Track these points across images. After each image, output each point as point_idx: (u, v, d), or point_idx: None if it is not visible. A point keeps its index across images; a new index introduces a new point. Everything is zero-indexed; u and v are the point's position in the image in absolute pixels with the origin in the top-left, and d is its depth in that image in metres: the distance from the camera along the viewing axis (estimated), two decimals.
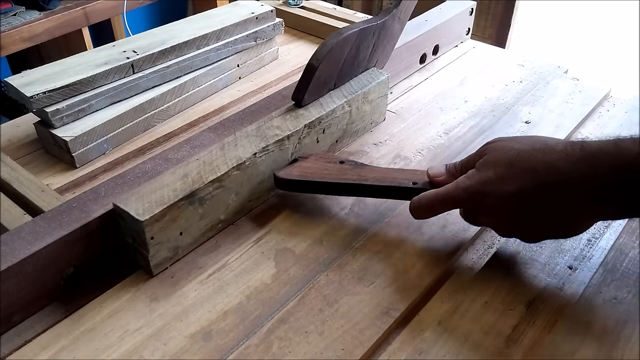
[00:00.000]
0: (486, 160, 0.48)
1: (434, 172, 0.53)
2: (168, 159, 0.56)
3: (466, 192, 0.48)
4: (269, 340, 0.45)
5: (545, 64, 0.84)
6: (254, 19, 0.81)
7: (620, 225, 0.56)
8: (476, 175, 0.48)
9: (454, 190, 0.49)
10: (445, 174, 0.52)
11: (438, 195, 0.50)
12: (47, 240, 0.46)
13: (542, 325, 0.46)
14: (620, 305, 0.48)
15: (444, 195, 0.49)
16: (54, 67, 0.67)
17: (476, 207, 0.49)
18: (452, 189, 0.49)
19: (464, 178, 0.49)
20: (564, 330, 0.46)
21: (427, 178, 0.53)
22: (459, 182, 0.49)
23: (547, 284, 0.50)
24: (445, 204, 0.50)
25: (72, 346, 0.45)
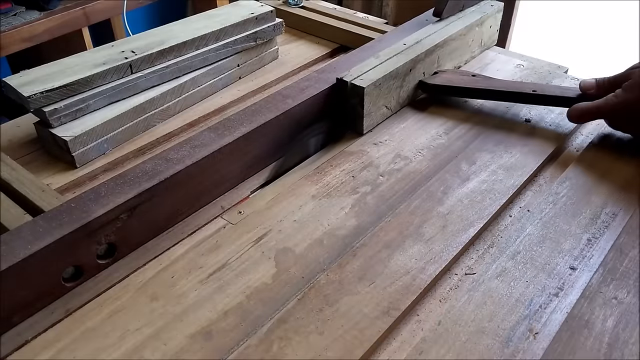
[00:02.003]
0: (631, 84, 0.60)
1: (586, 85, 0.66)
2: (168, 159, 0.56)
3: (612, 108, 0.61)
4: (269, 340, 0.45)
5: (545, 64, 0.84)
6: (254, 19, 0.81)
7: (620, 225, 0.56)
8: (622, 95, 0.61)
9: (603, 105, 0.62)
10: (595, 88, 0.65)
11: (591, 108, 0.63)
12: (47, 240, 0.46)
13: (542, 325, 0.46)
14: (620, 305, 0.48)
15: (595, 108, 0.62)
16: (52, 67, 0.67)
17: (620, 121, 0.63)
18: (602, 104, 0.62)
19: (612, 96, 0.61)
20: (564, 330, 0.46)
21: (544, 88, 0.69)
22: (608, 99, 0.61)
23: (546, 284, 0.50)
24: (595, 115, 0.64)
25: (72, 346, 0.45)
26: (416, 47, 0.74)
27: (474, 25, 0.81)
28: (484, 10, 0.84)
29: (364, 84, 0.66)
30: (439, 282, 0.51)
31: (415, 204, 0.58)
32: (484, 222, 0.56)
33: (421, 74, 0.74)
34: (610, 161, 0.63)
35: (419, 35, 0.77)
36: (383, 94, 0.69)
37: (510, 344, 0.45)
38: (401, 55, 0.72)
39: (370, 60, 0.71)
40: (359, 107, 0.67)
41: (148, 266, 0.52)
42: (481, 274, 0.51)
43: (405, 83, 0.72)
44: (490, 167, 0.63)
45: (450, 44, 0.78)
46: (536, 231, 0.55)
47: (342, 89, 0.68)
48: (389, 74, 0.68)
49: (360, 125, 0.68)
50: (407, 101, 0.74)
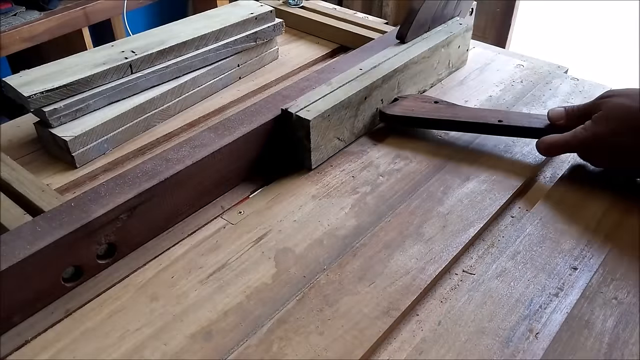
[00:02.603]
0: (601, 116, 0.56)
1: (554, 115, 0.62)
2: (168, 159, 0.56)
3: (582, 142, 0.58)
4: (269, 340, 0.45)
5: (545, 64, 0.84)
6: (254, 19, 0.81)
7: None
8: (592, 127, 0.57)
9: (572, 139, 0.58)
10: (564, 118, 0.61)
11: (559, 141, 0.59)
12: (47, 240, 0.46)
13: (542, 325, 0.46)
14: (620, 305, 0.48)
15: (564, 141, 0.59)
16: (52, 67, 0.67)
17: (591, 154, 0.59)
18: (571, 138, 0.58)
19: (581, 129, 0.58)
20: (564, 331, 0.46)
21: (510, 117, 0.64)
22: (577, 132, 0.58)
23: (546, 284, 0.50)
24: (564, 149, 0.60)
25: (72, 346, 0.45)
26: (373, 73, 0.68)
27: (439, 47, 0.76)
28: (451, 30, 0.78)
29: (310, 115, 0.60)
30: (439, 282, 0.51)
31: (415, 204, 0.58)
32: (484, 222, 0.56)
33: (379, 101, 0.69)
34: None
35: (377, 59, 0.71)
36: (333, 125, 0.63)
37: (510, 344, 0.45)
38: (355, 82, 0.66)
39: (321, 88, 0.65)
40: (306, 141, 0.61)
41: (148, 266, 0.52)
42: (481, 274, 0.51)
43: (360, 112, 0.66)
44: (491, 168, 0.63)
45: (412, 68, 0.72)
46: (536, 231, 0.55)
47: (288, 121, 0.62)
48: (340, 103, 0.63)
49: (307, 160, 0.62)
50: (364, 131, 0.69)
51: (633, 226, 0.55)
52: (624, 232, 0.55)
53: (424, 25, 0.75)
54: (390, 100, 0.70)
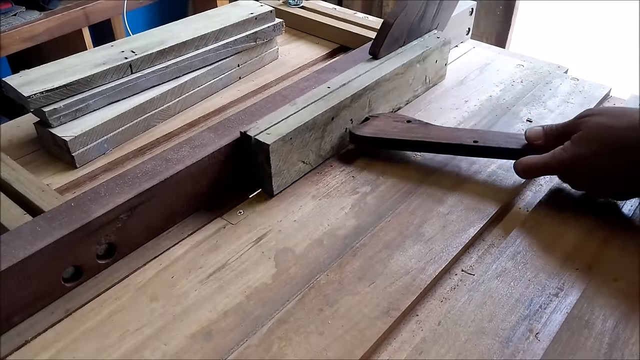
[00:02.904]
0: (581, 136, 0.53)
1: (532, 134, 0.58)
2: (168, 159, 0.56)
3: (562, 164, 0.54)
4: (269, 340, 0.45)
5: (545, 64, 0.84)
6: (253, 19, 0.81)
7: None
8: (572, 149, 0.54)
9: (551, 160, 0.55)
10: (542, 138, 0.58)
11: (537, 163, 0.56)
12: (47, 240, 0.46)
13: (542, 325, 0.46)
14: (620, 306, 0.48)
15: (542, 163, 0.56)
16: (52, 67, 0.67)
17: (571, 176, 0.56)
18: (549, 160, 0.55)
19: (561, 150, 0.54)
20: (564, 330, 0.46)
21: (486, 137, 0.60)
22: (556, 154, 0.55)
23: (547, 284, 0.50)
24: (542, 171, 0.57)
25: (72, 346, 0.45)
26: (341, 92, 0.64)
27: (414, 62, 0.72)
28: (427, 44, 0.74)
29: (270, 139, 0.56)
30: (439, 282, 0.51)
31: (415, 204, 0.58)
32: (483, 222, 0.56)
33: (348, 121, 0.65)
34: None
35: (346, 76, 0.67)
36: (297, 148, 0.59)
37: (510, 344, 0.45)
38: (321, 102, 0.62)
39: (285, 109, 0.62)
40: (266, 166, 0.57)
41: (148, 266, 0.52)
42: (481, 274, 0.51)
43: (327, 134, 0.63)
44: (490, 167, 0.63)
45: (385, 85, 0.69)
46: (537, 231, 0.55)
47: (247, 144, 0.58)
48: (304, 125, 0.59)
49: (269, 185, 0.59)
50: (332, 152, 0.65)
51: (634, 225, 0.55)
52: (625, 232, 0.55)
53: (398, 39, 0.72)
54: (360, 119, 0.67)
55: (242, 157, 0.59)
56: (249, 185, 0.61)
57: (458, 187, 0.61)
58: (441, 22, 0.78)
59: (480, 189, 0.60)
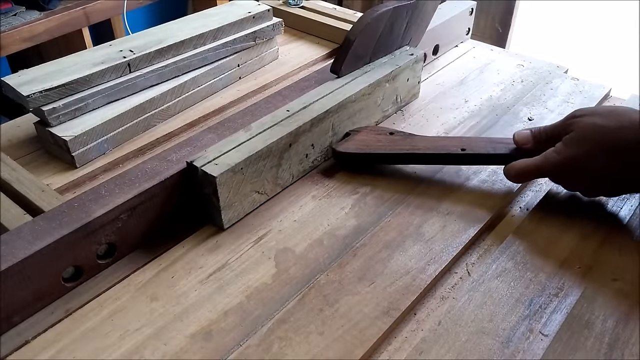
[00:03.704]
0: (573, 137, 0.53)
1: (520, 138, 0.57)
2: (168, 159, 0.56)
3: (554, 167, 0.54)
4: (269, 340, 0.45)
5: (545, 64, 0.84)
6: (251, 18, 0.81)
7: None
8: (564, 150, 0.53)
9: (543, 163, 0.54)
10: (531, 141, 0.57)
11: (529, 167, 0.55)
12: (47, 240, 0.46)
13: (542, 325, 0.46)
14: (620, 306, 0.48)
15: (535, 167, 0.55)
16: (51, 66, 0.67)
17: (564, 178, 0.56)
18: (540, 163, 0.54)
19: (553, 152, 0.54)
20: (564, 330, 0.46)
21: (473, 144, 0.59)
22: (548, 156, 0.54)
23: (547, 284, 0.50)
24: (535, 174, 0.56)
25: (72, 346, 0.45)
26: (301, 115, 0.60)
27: (382, 82, 0.68)
28: (397, 62, 0.70)
29: (218, 170, 0.52)
30: (439, 282, 0.51)
31: (415, 204, 0.58)
32: (484, 222, 0.56)
33: (308, 146, 0.61)
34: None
35: (308, 97, 0.63)
36: (249, 178, 0.55)
37: (511, 344, 0.45)
38: (278, 128, 0.58)
39: (238, 135, 0.57)
40: (214, 199, 0.53)
41: (148, 266, 0.52)
42: (481, 274, 0.51)
43: (284, 161, 0.59)
44: (489, 168, 0.63)
45: (350, 107, 0.64)
46: (537, 231, 0.55)
47: (194, 175, 0.54)
48: (257, 153, 0.55)
49: (218, 218, 0.55)
50: (293, 179, 0.61)
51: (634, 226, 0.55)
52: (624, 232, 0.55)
53: (363, 57, 0.67)
54: (324, 145, 0.63)
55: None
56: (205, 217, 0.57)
57: (458, 188, 0.61)
58: (414, 38, 0.74)
59: (480, 189, 0.60)
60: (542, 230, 0.55)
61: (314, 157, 0.63)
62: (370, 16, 0.64)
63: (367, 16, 0.64)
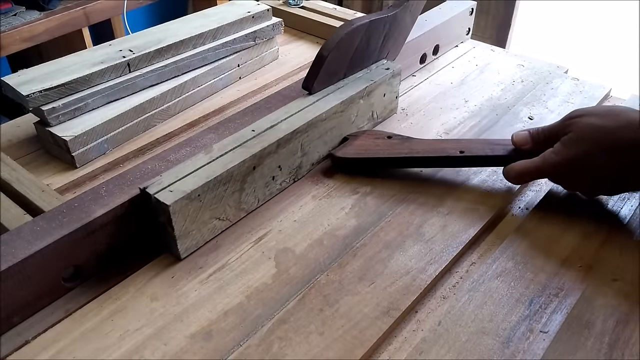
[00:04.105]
0: (571, 138, 0.53)
1: (519, 139, 0.58)
2: (168, 159, 0.56)
3: (554, 167, 0.54)
4: (270, 340, 0.45)
5: (545, 64, 0.84)
6: (250, 17, 0.81)
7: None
8: (562, 151, 0.53)
9: (542, 164, 0.54)
10: (530, 143, 0.57)
11: (529, 168, 0.55)
12: (47, 240, 0.46)
13: (542, 325, 0.46)
14: (620, 306, 0.48)
15: (533, 168, 0.55)
16: (50, 66, 0.67)
17: (564, 179, 0.56)
18: (540, 164, 0.55)
19: (552, 153, 0.54)
20: (564, 330, 0.46)
21: (472, 146, 0.60)
22: (547, 157, 0.54)
23: (547, 284, 0.50)
24: (534, 175, 0.56)
25: (72, 346, 0.45)
26: (266, 136, 0.57)
27: (356, 98, 0.64)
28: (372, 78, 0.66)
29: (171, 198, 0.49)
30: (440, 282, 0.51)
31: (415, 204, 0.58)
32: (484, 222, 0.56)
33: (275, 168, 0.58)
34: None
35: (275, 116, 0.60)
36: (208, 205, 0.52)
37: (511, 344, 0.45)
38: (241, 150, 0.55)
39: (198, 158, 0.54)
40: (169, 228, 0.50)
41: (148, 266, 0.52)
42: (481, 274, 0.51)
43: (248, 185, 0.55)
44: (490, 168, 0.63)
45: (320, 126, 0.61)
46: (537, 231, 0.55)
47: (148, 203, 0.51)
48: (216, 179, 0.51)
49: (174, 249, 0.51)
50: (259, 203, 0.58)
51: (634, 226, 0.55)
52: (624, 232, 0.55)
53: (337, 72, 0.64)
54: (292, 166, 0.60)
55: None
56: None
57: (458, 188, 0.61)
58: (392, 51, 0.71)
59: (480, 189, 0.60)
60: (542, 231, 0.55)
61: (282, 179, 0.60)
62: (344, 31, 0.61)
63: (341, 31, 0.61)
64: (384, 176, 0.62)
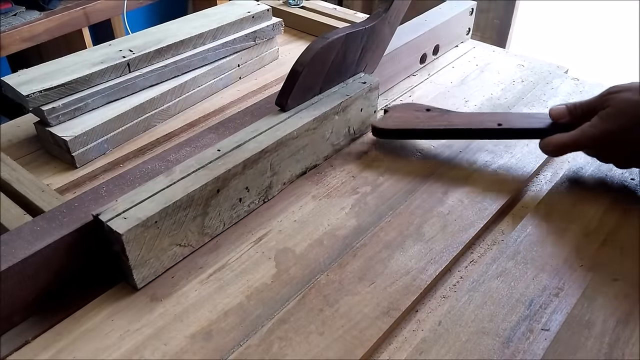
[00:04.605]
0: (609, 112, 0.55)
1: (556, 112, 0.60)
2: (168, 159, 0.56)
3: (591, 140, 0.56)
4: (270, 340, 0.45)
5: (545, 64, 0.84)
6: (250, 17, 0.81)
7: None
8: (600, 124, 0.55)
9: (580, 137, 0.56)
10: (567, 116, 0.59)
11: (566, 141, 0.57)
12: (47, 240, 0.46)
13: (542, 325, 0.46)
14: (620, 306, 0.48)
15: (572, 141, 0.57)
16: (50, 66, 0.68)
17: (600, 151, 0.57)
18: (578, 136, 0.56)
19: (589, 127, 0.56)
20: (564, 330, 0.46)
21: (509, 118, 0.62)
22: (585, 130, 0.56)
23: (547, 284, 0.50)
24: (572, 148, 0.58)
25: (72, 346, 0.45)
26: (232, 156, 0.53)
27: (330, 115, 0.61)
28: (347, 92, 0.63)
29: (125, 226, 0.45)
30: (440, 282, 0.51)
31: (415, 204, 0.58)
32: (484, 222, 0.56)
33: (242, 189, 0.54)
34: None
35: (243, 135, 0.57)
36: (167, 231, 0.49)
37: (511, 344, 0.45)
38: (204, 172, 0.51)
39: (157, 181, 0.51)
40: (123, 257, 0.47)
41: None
42: (481, 274, 0.51)
43: (212, 209, 0.52)
44: (492, 167, 0.63)
45: (291, 144, 0.58)
46: (536, 231, 0.55)
47: (101, 230, 0.47)
48: (175, 204, 0.48)
49: (131, 278, 0.48)
50: (225, 227, 0.55)
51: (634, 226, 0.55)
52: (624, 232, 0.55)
53: (312, 87, 0.62)
54: (261, 186, 0.57)
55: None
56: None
57: (458, 188, 0.61)
58: (370, 63, 0.69)
59: (480, 189, 0.60)
60: (542, 231, 0.55)
61: (250, 201, 0.56)
62: (318, 45, 0.59)
63: (316, 45, 0.59)
64: (384, 176, 0.62)
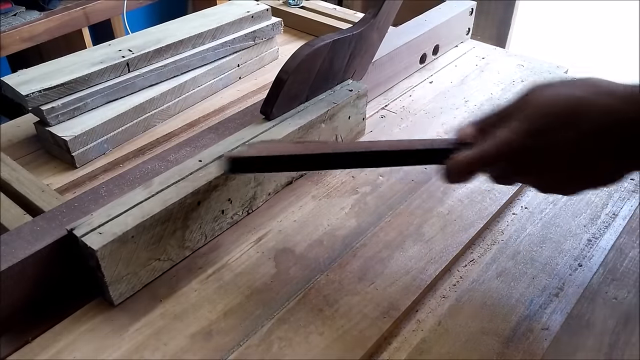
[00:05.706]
0: (529, 114, 0.41)
1: (462, 136, 0.45)
2: (168, 159, 0.56)
3: (510, 147, 0.40)
4: (269, 340, 0.45)
5: (545, 64, 0.84)
6: (250, 17, 0.81)
7: (620, 225, 0.56)
8: (520, 127, 0.40)
9: (494, 145, 0.41)
10: (475, 133, 0.44)
11: (474, 155, 0.42)
12: (47, 240, 0.46)
13: (542, 325, 0.46)
14: (620, 306, 0.48)
15: (480, 153, 0.42)
16: (50, 66, 0.68)
17: (519, 163, 0.41)
18: (489, 147, 0.42)
19: (506, 132, 0.41)
20: (564, 330, 0.46)
21: (403, 143, 0.49)
22: (500, 136, 0.41)
23: (547, 284, 0.50)
24: (484, 162, 0.42)
25: (72, 346, 0.45)
26: (213, 167, 0.52)
27: (316, 123, 0.60)
28: (334, 100, 0.62)
29: (100, 241, 0.44)
30: (440, 282, 0.51)
31: (415, 204, 0.58)
32: (484, 222, 0.56)
33: (225, 201, 0.53)
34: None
35: (226, 144, 0.55)
36: (145, 246, 0.47)
37: (511, 344, 0.45)
38: (184, 184, 0.50)
39: (135, 193, 0.49)
40: (99, 273, 0.45)
41: None
42: (481, 274, 0.51)
43: (192, 222, 0.50)
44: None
45: None
46: (536, 231, 0.55)
47: (76, 245, 0.46)
48: (153, 218, 0.46)
49: (107, 294, 0.47)
50: (206, 241, 0.53)
51: None
52: None
53: (298, 95, 0.60)
54: (245, 197, 0.55)
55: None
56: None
57: (458, 187, 0.61)
58: (359, 70, 0.67)
59: (480, 189, 0.60)
60: (542, 231, 0.55)
61: (234, 212, 0.55)
62: (304, 52, 0.57)
63: (302, 52, 0.57)
64: (384, 176, 0.62)
